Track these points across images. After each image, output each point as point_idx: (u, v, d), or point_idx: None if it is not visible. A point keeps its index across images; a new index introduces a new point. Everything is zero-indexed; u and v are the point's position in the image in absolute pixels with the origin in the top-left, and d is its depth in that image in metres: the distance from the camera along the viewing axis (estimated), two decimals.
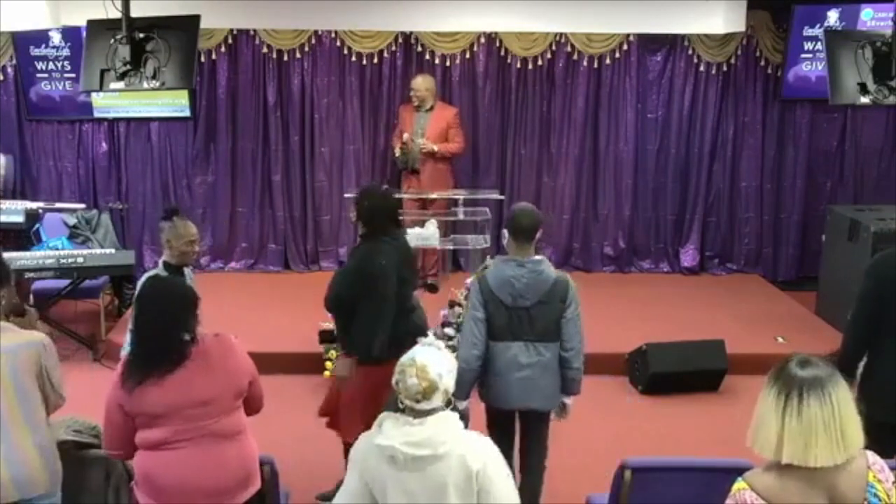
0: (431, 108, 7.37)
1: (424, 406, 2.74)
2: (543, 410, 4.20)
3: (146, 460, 3.18)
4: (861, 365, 3.96)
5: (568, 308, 4.06)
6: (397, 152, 7.37)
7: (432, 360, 2.78)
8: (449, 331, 6.11)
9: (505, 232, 4.12)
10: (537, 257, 4.09)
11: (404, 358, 2.82)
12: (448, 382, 2.79)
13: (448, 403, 2.83)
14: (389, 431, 2.73)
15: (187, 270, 4.60)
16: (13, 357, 3.22)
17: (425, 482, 2.72)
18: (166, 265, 4.42)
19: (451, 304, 6.38)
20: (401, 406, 2.78)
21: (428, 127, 7.32)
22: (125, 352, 4.14)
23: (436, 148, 7.26)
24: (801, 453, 2.17)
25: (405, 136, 7.27)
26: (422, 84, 7.34)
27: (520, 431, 4.28)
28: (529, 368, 4.06)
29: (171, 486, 3.14)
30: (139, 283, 4.32)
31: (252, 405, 3.35)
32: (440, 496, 2.73)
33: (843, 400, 2.20)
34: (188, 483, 3.13)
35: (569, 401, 4.21)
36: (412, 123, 7.36)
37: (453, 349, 4.20)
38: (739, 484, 2.27)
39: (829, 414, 2.17)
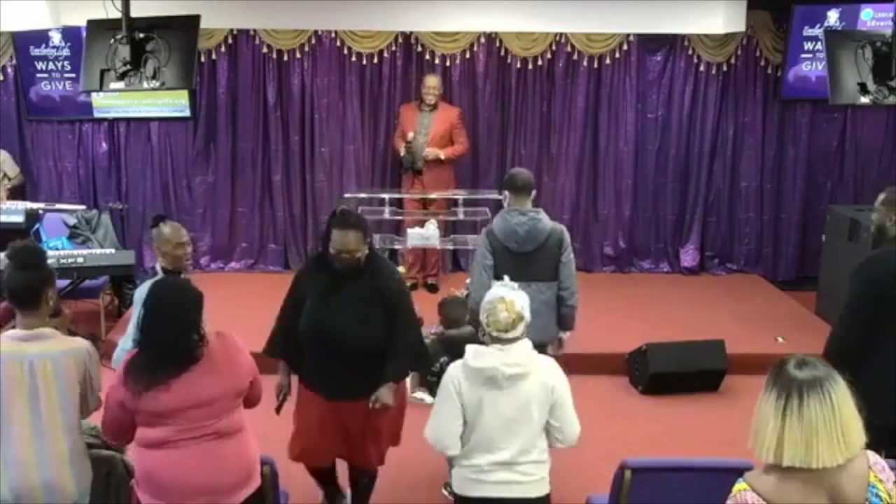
0: (435, 108, 7.37)
1: (511, 335, 3.29)
2: (543, 343, 4.55)
3: (146, 458, 3.18)
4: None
5: (563, 253, 4.68)
6: (402, 152, 7.37)
7: (517, 297, 3.37)
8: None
9: (506, 192, 4.74)
10: (536, 209, 4.71)
11: (491, 297, 3.37)
12: (527, 315, 3.36)
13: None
14: (486, 358, 3.28)
15: (183, 276, 4.57)
16: (58, 363, 3.22)
17: (514, 399, 3.28)
18: (164, 271, 4.35)
19: None
20: (488, 338, 3.33)
21: (432, 126, 7.32)
22: (119, 355, 4.15)
23: (442, 155, 7.26)
24: (802, 454, 2.16)
25: (409, 135, 7.27)
26: (436, 82, 7.36)
27: None
28: (532, 305, 4.34)
29: (170, 484, 3.14)
30: (137, 291, 4.31)
31: (251, 400, 3.37)
32: (524, 410, 3.29)
33: (842, 399, 2.20)
34: (188, 481, 3.13)
35: (565, 336, 4.79)
36: (416, 123, 7.35)
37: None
38: (740, 485, 2.27)
39: (830, 414, 2.16)
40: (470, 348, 3.35)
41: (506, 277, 3.69)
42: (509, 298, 3.33)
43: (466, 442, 3.36)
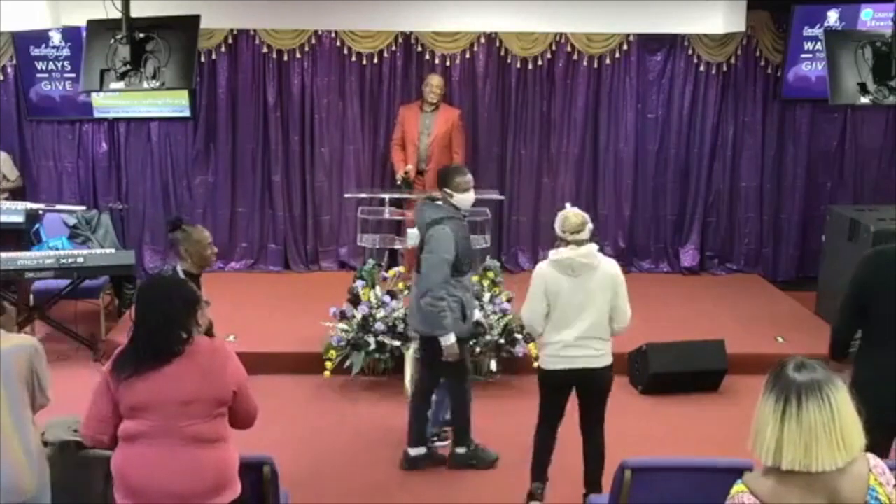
0: (437, 108, 7.36)
1: (580, 237, 4.37)
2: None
3: (121, 457, 3.16)
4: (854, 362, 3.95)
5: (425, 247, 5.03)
6: (399, 178, 7.29)
7: (580, 211, 4.48)
8: None
9: None
10: (440, 200, 4.96)
11: (561, 213, 4.47)
12: (589, 223, 4.43)
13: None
14: (563, 252, 4.37)
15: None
16: (5, 361, 3.21)
17: (585, 285, 4.37)
18: (187, 275, 4.19)
19: None
20: (563, 243, 4.38)
21: (434, 127, 7.32)
22: None
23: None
24: (802, 458, 2.15)
25: (409, 167, 7.23)
26: (439, 81, 7.35)
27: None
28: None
29: (142, 485, 3.11)
30: None
31: (239, 418, 3.27)
32: (592, 295, 4.37)
33: (842, 402, 2.18)
34: (157, 483, 3.09)
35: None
36: (418, 123, 7.33)
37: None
38: (738, 486, 2.25)
39: (829, 417, 2.15)
40: (552, 252, 4.43)
41: (567, 205, 4.68)
42: (577, 211, 4.46)
43: (550, 322, 4.38)
